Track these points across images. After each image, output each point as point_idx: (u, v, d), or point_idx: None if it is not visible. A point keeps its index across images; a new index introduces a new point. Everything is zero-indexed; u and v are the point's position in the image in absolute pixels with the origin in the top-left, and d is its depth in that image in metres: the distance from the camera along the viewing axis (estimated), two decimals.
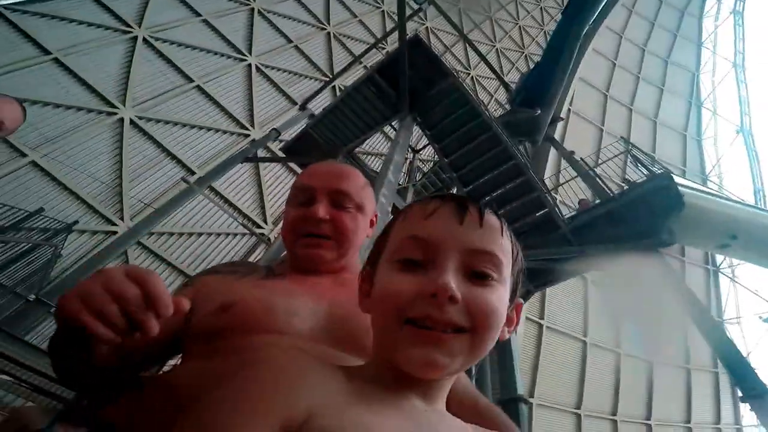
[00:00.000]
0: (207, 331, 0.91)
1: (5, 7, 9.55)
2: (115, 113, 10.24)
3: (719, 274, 21.17)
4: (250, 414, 0.55)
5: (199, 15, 12.53)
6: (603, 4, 9.20)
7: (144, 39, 11.40)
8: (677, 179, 7.74)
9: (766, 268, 9.50)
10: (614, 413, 15.08)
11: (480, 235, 0.70)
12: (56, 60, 9.89)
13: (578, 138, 17.94)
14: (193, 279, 1.09)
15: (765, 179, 25.65)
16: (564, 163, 11.99)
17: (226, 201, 11.10)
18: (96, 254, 7.82)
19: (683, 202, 7.37)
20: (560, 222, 7.88)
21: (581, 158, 10.63)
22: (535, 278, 8.37)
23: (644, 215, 7.57)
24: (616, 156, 10.17)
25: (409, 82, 8.41)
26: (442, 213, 0.72)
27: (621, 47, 23.24)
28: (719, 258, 20.89)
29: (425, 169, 13.19)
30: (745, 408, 16.28)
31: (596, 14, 9.77)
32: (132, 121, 10.35)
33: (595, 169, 10.06)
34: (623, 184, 8.62)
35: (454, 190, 11.27)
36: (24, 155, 8.85)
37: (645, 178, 8.15)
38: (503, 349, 6.66)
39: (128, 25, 11.29)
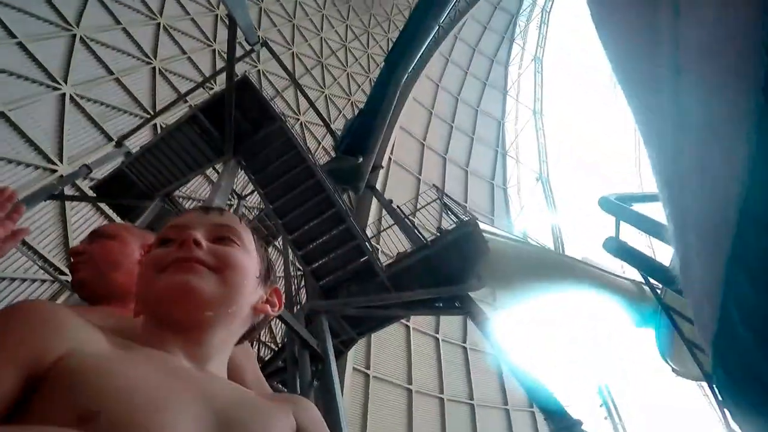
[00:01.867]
0: None
1: None
2: None
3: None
4: None
5: (14, 36, 12.04)
6: (422, 51, 9.67)
7: None
8: (483, 226, 8.59)
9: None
10: None
11: (220, 217, 0.94)
12: None
13: (398, 186, 19.55)
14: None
15: (561, 223, 28.36)
16: (384, 212, 12.88)
17: (23, 242, 10.23)
18: None
19: (488, 247, 8.23)
20: (378, 269, 8.36)
21: (398, 206, 11.32)
22: (357, 325, 8.70)
23: (456, 260, 8.23)
24: (429, 204, 11.07)
25: (235, 124, 8.46)
26: (191, 211, 0.96)
27: (437, 96, 25.38)
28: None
29: (250, 217, 13.53)
30: None
31: (415, 61, 10.27)
32: None
33: (413, 218, 10.72)
34: (437, 233, 9.09)
35: (279, 239, 11.38)
36: None
37: (455, 225, 8.81)
38: (330, 407, 6.71)
39: None
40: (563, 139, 36.70)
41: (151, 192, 9.11)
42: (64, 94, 12.49)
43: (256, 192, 9.93)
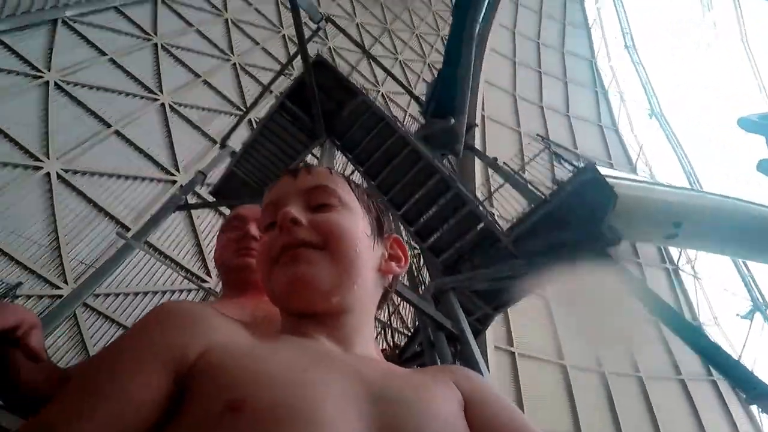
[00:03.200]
0: None
1: None
2: (41, 167, 10.56)
3: (680, 273, 20.68)
4: (135, 362, 0.60)
5: (104, 54, 12.92)
6: None
7: (56, 83, 11.73)
8: (605, 171, 7.77)
9: (718, 254, 9.56)
10: None
11: (310, 178, 0.90)
12: None
13: (498, 143, 18.54)
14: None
15: (692, 160, 26.22)
16: (491, 172, 12.26)
17: (165, 256, 11.24)
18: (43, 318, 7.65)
19: (615, 194, 7.32)
20: (499, 234, 7.79)
21: (504, 163, 10.72)
22: (490, 300, 8.26)
23: (583, 215, 7.49)
24: (537, 155, 10.44)
25: (320, 105, 8.46)
26: (279, 181, 0.92)
27: (516, 43, 24.22)
28: (675, 253, 20.73)
29: None
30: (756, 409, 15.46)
31: (485, 5, 9.86)
32: (59, 176, 10.70)
33: (523, 173, 10.15)
34: (554, 186, 8.40)
35: (390, 215, 11.33)
36: None
37: (571, 174, 8.06)
38: None
39: (38, 70, 11.66)
40: (665, 68, 33.64)
41: (261, 188, 9.33)
42: (163, 104, 13.25)
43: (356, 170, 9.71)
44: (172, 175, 12.16)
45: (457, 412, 0.72)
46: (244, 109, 13.53)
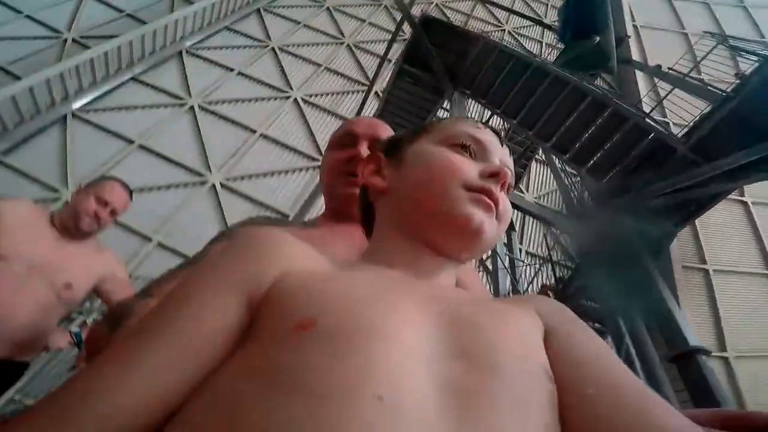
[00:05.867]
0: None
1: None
2: (206, 181, 12.02)
3: None
4: (206, 290, 0.61)
5: (232, 70, 14.25)
6: None
7: (199, 106, 13.20)
8: None
9: None
10: None
11: (508, 156, 0.92)
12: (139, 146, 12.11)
13: (660, 51, 16.26)
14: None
15: None
16: (658, 81, 11.26)
17: None
18: None
19: None
20: (673, 142, 7.24)
21: (669, 68, 9.88)
22: (671, 215, 7.60)
23: None
24: (711, 51, 9.42)
25: (440, 60, 8.77)
26: (488, 131, 0.92)
27: None
28: None
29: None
30: None
31: None
32: (222, 185, 12.07)
33: (694, 74, 9.40)
34: (735, 81, 7.38)
35: (540, 151, 10.86)
36: (149, 239, 10.68)
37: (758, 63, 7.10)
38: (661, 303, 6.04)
39: (179, 98, 13.27)
40: None
41: None
42: (296, 99, 14.29)
43: (493, 115, 9.63)
44: (317, 160, 13.03)
45: (535, 337, 0.71)
46: (368, 84, 14.17)
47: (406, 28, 10.78)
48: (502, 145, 0.91)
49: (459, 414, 0.51)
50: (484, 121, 13.74)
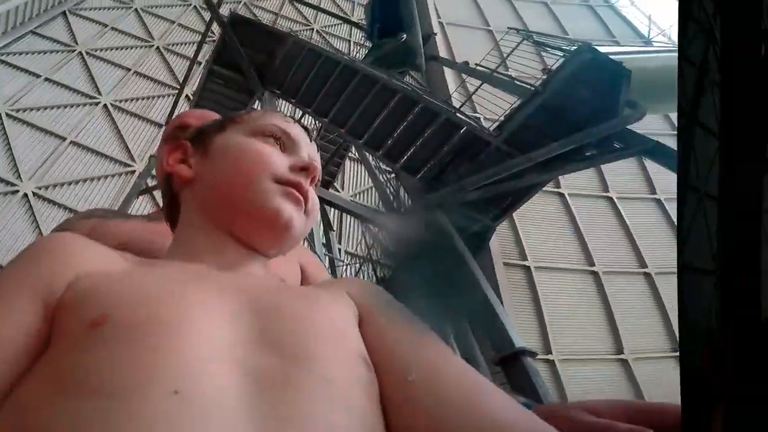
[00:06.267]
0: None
1: None
2: (17, 190, 11.80)
3: None
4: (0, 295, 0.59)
5: (39, 76, 13.95)
6: None
7: (6, 114, 12.84)
8: (607, 49, 7.74)
9: None
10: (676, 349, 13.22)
11: (314, 150, 0.92)
12: None
13: (467, 48, 17.19)
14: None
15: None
16: (466, 77, 11.94)
17: None
18: None
19: (624, 69, 7.03)
20: (485, 135, 7.51)
21: (476, 64, 10.31)
22: (488, 209, 7.83)
23: (588, 97, 7.14)
24: (516, 47, 9.98)
25: (249, 60, 8.82)
26: (297, 125, 0.92)
27: None
28: None
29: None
30: None
31: None
32: (35, 194, 11.92)
33: (502, 70, 9.88)
34: (543, 77, 8.04)
35: (353, 149, 11.11)
36: None
37: (564, 59, 7.71)
38: (484, 304, 5.96)
39: None
40: None
41: None
42: (105, 105, 14.24)
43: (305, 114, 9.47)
44: (130, 166, 13.20)
45: (346, 319, 0.71)
46: (178, 87, 14.25)
47: (217, 28, 10.80)
48: (310, 141, 0.92)
49: (263, 402, 0.51)
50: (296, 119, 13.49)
